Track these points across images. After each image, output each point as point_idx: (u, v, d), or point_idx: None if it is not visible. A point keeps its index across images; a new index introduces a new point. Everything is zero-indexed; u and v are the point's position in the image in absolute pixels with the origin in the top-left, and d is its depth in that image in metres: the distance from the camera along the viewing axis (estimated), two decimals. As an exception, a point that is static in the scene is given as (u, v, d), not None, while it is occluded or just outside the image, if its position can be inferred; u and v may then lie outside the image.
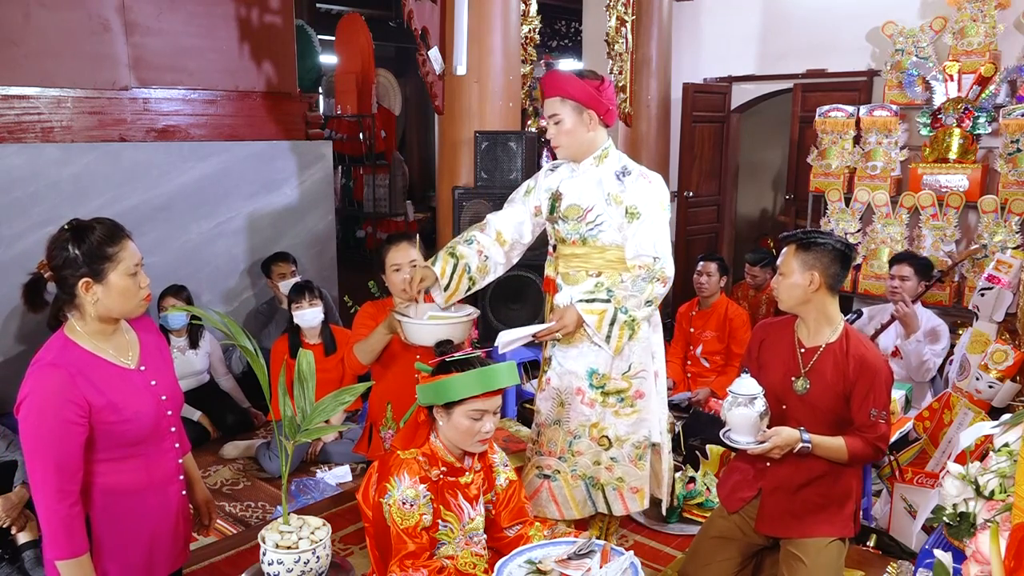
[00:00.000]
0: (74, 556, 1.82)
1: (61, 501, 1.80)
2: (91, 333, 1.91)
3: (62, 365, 1.84)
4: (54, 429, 1.79)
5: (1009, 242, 4.58)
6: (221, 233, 4.84)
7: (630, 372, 2.71)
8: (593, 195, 2.69)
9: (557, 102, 2.66)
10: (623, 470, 2.75)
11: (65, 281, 1.87)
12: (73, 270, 1.85)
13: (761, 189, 8.20)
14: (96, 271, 1.86)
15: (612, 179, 2.69)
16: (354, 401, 2.27)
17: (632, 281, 2.62)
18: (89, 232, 1.88)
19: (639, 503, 2.81)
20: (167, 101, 4.71)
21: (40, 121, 4.21)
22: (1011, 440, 1.76)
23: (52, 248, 1.89)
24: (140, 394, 1.95)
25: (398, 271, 2.99)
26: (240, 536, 3.17)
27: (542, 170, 2.92)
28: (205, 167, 4.73)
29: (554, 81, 2.70)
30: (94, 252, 1.86)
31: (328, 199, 5.48)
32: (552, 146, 2.76)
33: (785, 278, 2.41)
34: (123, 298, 1.90)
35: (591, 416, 2.72)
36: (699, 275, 4.78)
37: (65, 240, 1.86)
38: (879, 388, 2.34)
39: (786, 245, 2.45)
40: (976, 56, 4.86)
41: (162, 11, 4.60)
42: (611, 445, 2.74)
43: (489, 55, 4.45)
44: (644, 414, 2.74)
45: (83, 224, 1.90)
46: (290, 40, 5.25)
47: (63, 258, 1.86)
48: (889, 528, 3.04)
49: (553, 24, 10.25)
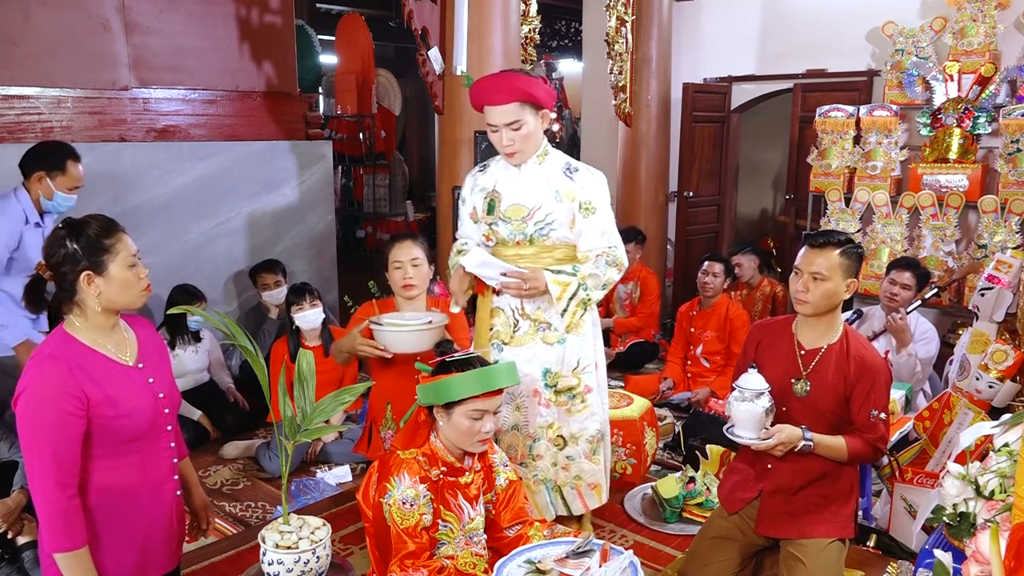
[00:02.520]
0: (73, 548, 1.83)
1: (61, 492, 1.81)
2: (91, 328, 1.93)
3: (61, 358, 1.86)
4: (53, 420, 1.81)
5: (1009, 242, 4.58)
6: (221, 233, 4.84)
7: (578, 368, 2.75)
8: (540, 194, 2.65)
9: (516, 107, 2.54)
10: (579, 467, 2.79)
11: (65, 277, 1.89)
12: (73, 265, 1.87)
13: (761, 189, 8.20)
14: (96, 263, 1.89)
15: (560, 176, 2.66)
16: (354, 401, 2.27)
17: (594, 262, 2.65)
18: (85, 227, 1.91)
19: (597, 499, 2.85)
20: (167, 101, 4.71)
21: (40, 121, 4.21)
22: (1011, 440, 1.76)
23: (50, 246, 1.90)
24: (137, 391, 1.96)
25: (399, 268, 2.98)
26: (240, 536, 3.17)
27: (467, 177, 2.86)
28: (205, 167, 4.73)
29: (512, 84, 2.55)
30: (92, 245, 1.89)
31: (328, 199, 5.48)
32: (507, 154, 2.64)
33: (824, 283, 2.29)
34: (124, 289, 1.93)
35: (547, 417, 2.75)
36: (704, 275, 4.78)
37: (62, 237, 1.88)
38: (879, 389, 2.34)
39: (818, 248, 2.32)
40: (976, 56, 4.86)
41: (162, 11, 4.60)
42: (566, 444, 2.78)
43: (489, 55, 4.45)
44: (593, 408, 2.80)
45: (77, 220, 1.93)
46: (290, 40, 5.25)
47: (62, 254, 1.87)
48: (889, 528, 3.04)
49: (553, 24, 10.25)
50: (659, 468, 3.77)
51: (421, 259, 2.99)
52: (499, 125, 2.57)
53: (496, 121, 2.57)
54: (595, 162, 7.94)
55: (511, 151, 2.62)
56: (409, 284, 2.95)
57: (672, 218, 6.67)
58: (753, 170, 7.86)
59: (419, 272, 2.97)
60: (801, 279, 2.34)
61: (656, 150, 6.29)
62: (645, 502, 3.38)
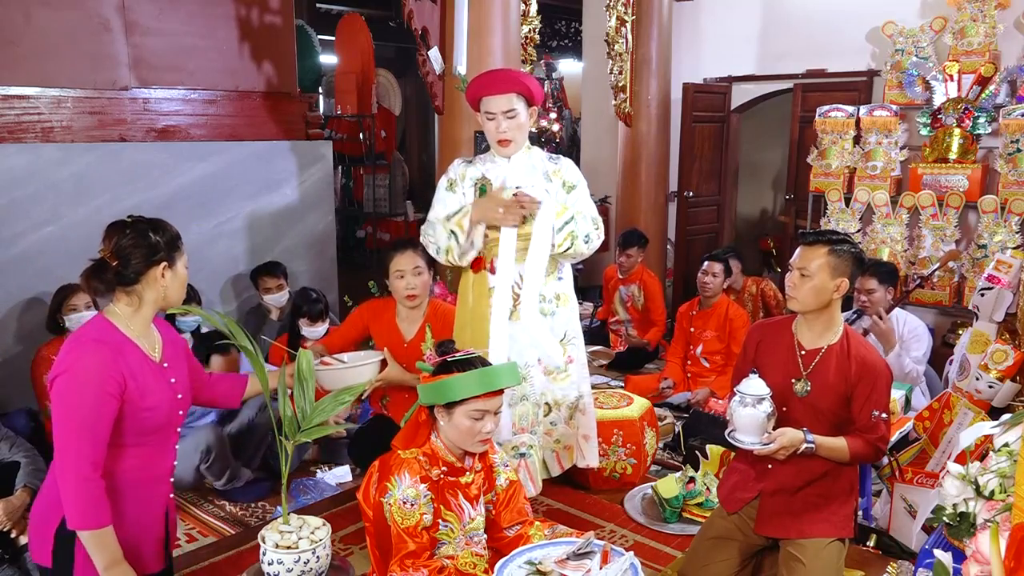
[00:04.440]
0: (100, 527, 1.88)
1: (93, 471, 1.86)
2: (134, 320, 2.02)
3: (105, 342, 1.94)
4: (95, 400, 1.87)
5: (1009, 242, 4.58)
6: (221, 233, 4.84)
7: (565, 339, 2.95)
8: (532, 177, 2.84)
9: (514, 97, 2.75)
10: (560, 431, 3.00)
11: (136, 265, 1.98)
12: (153, 254, 1.99)
13: (761, 189, 8.20)
14: (172, 259, 2.03)
15: (545, 161, 2.91)
16: (354, 401, 2.28)
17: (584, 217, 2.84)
18: (162, 224, 2.07)
19: (569, 459, 3.07)
20: (167, 101, 4.71)
21: (40, 121, 4.21)
22: (1011, 440, 1.76)
23: (129, 235, 1.98)
24: (161, 387, 2.02)
25: (401, 278, 3.07)
26: (240, 536, 3.16)
27: (456, 165, 2.98)
28: (205, 167, 4.72)
29: (510, 75, 2.83)
30: (172, 241, 2.05)
31: (328, 199, 5.48)
32: (502, 141, 2.80)
33: (810, 280, 2.32)
34: (182, 286, 2.08)
35: (545, 383, 2.94)
36: (703, 274, 4.77)
37: (144, 229, 2.00)
38: (880, 389, 2.34)
39: (808, 245, 2.36)
40: (976, 56, 4.86)
41: (162, 11, 4.60)
42: (551, 410, 2.96)
43: (489, 55, 4.45)
44: (575, 377, 2.99)
45: (147, 219, 2.06)
46: (290, 40, 5.24)
47: (147, 244, 1.98)
48: (889, 528, 3.04)
49: (553, 24, 10.26)
50: (659, 468, 3.77)
51: (423, 267, 3.09)
52: (497, 113, 2.76)
53: (495, 109, 2.75)
54: (595, 162, 7.99)
55: (506, 139, 2.78)
56: (412, 295, 3.08)
57: (672, 218, 6.67)
58: (753, 170, 7.86)
59: (421, 281, 3.09)
60: (791, 276, 2.39)
61: (656, 150, 6.29)
62: (645, 502, 3.37)
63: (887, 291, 3.94)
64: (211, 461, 3.39)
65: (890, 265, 4.15)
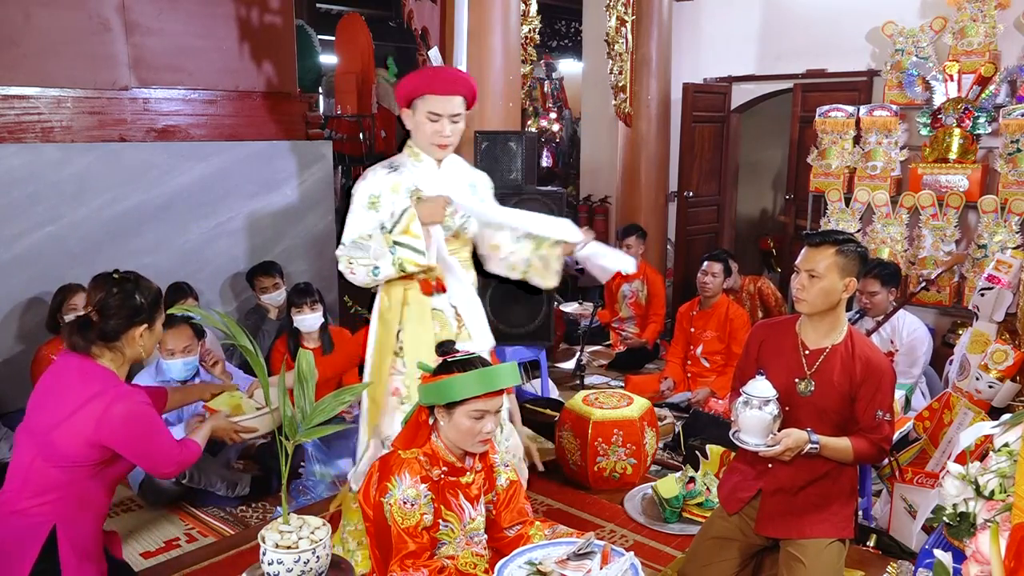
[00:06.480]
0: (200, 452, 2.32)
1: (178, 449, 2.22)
2: (120, 372, 2.17)
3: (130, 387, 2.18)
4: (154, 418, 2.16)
5: (1009, 242, 4.58)
6: (221, 233, 4.84)
7: None
8: (459, 188, 2.72)
9: (461, 100, 2.62)
10: (513, 442, 2.88)
11: (117, 325, 2.09)
12: (135, 316, 2.10)
13: (761, 189, 8.20)
14: (153, 320, 2.15)
15: (468, 169, 2.85)
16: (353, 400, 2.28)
17: None
18: (146, 284, 2.16)
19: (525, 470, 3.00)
20: (167, 101, 4.71)
21: (40, 121, 4.21)
22: (1011, 440, 1.76)
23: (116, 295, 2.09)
24: None
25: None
26: (240, 536, 3.17)
27: (379, 177, 2.68)
28: (205, 167, 4.72)
29: (460, 76, 2.69)
30: (155, 302, 2.15)
31: (328, 199, 5.48)
32: (441, 145, 2.64)
33: (819, 281, 2.31)
34: (156, 341, 2.23)
35: None
36: (703, 275, 4.77)
37: (131, 291, 2.10)
38: (885, 390, 2.34)
39: (815, 246, 2.34)
40: (976, 56, 4.86)
41: (162, 11, 4.60)
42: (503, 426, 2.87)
43: (489, 55, 4.45)
44: None
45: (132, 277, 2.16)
46: (290, 40, 5.24)
47: (131, 305, 2.09)
48: (889, 528, 3.04)
49: (553, 24, 10.26)
50: (659, 468, 3.77)
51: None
52: (443, 115, 2.58)
53: (441, 111, 2.57)
54: (595, 162, 7.98)
55: (446, 143, 2.65)
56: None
57: (672, 218, 6.67)
58: (753, 170, 7.86)
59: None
60: (799, 278, 2.36)
61: (656, 150, 6.29)
62: (645, 502, 3.38)
63: (889, 292, 3.95)
64: None
65: (893, 266, 4.15)
